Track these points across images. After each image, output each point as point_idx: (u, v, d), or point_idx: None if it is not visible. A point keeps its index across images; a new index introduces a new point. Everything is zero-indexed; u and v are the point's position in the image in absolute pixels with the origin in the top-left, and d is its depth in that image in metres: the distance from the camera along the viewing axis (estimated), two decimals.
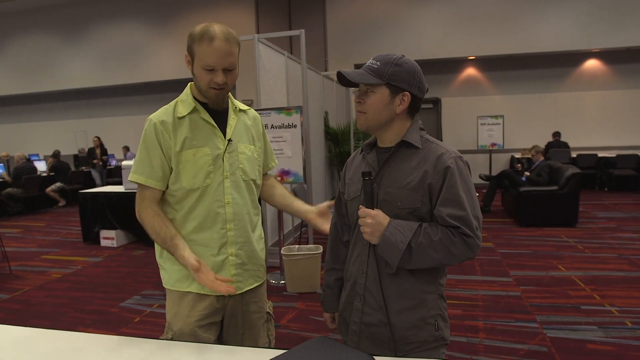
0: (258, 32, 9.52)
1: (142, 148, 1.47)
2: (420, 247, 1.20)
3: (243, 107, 1.62)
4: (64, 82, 12.42)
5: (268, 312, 1.67)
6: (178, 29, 11.14)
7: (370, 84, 1.25)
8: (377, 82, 1.25)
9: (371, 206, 1.26)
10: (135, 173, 1.46)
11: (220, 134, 1.50)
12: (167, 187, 1.48)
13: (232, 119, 1.54)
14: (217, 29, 1.38)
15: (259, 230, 1.65)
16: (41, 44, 12.52)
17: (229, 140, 1.51)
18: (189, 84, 1.53)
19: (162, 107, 1.50)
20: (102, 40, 11.94)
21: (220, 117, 1.52)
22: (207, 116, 1.48)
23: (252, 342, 1.58)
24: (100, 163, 10.82)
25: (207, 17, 10.63)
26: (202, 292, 1.48)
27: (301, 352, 1.13)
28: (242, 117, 1.59)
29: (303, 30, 4.49)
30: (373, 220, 1.23)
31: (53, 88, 12.62)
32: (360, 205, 1.28)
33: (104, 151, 10.99)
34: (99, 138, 11.00)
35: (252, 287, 1.58)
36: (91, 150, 11.01)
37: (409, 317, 1.29)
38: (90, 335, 1.37)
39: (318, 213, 1.62)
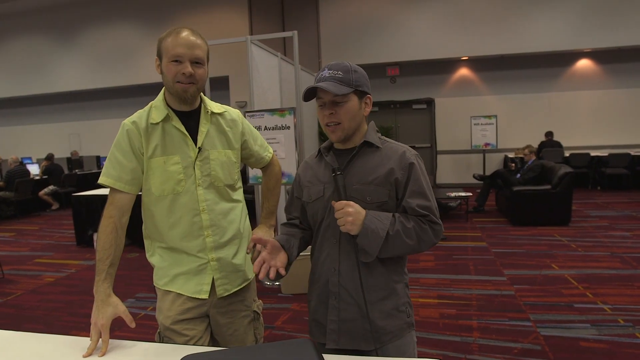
0: (251, 34, 9.51)
1: (112, 151, 1.46)
2: (396, 235, 1.28)
3: (218, 109, 1.58)
4: (57, 85, 12.35)
5: (255, 311, 1.65)
6: None
7: (345, 94, 1.30)
8: (349, 90, 1.31)
9: (344, 199, 1.30)
10: (104, 175, 1.45)
11: (191, 142, 1.48)
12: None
13: (203, 126, 1.51)
14: (185, 28, 1.42)
15: (247, 230, 1.65)
16: (34, 46, 12.44)
17: (199, 148, 1.49)
18: (163, 89, 1.51)
19: (137, 112, 1.50)
20: (96, 43, 11.88)
21: (193, 124, 1.50)
22: (178, 124, 1.47)
23: (239, 342, 1.58)
24: None
25: (201, 19, 10.62)
26: (179, 292, 1.52)
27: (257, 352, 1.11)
28: (217, 121, 1.55)
29: (296, 32, 4.49)
30: (354, 209, 1.26)
31: (46, 91, 12.54)
32: (333, 201, 1.31)
33: None
34: None
35: (240, 287, 1.59)
36: None
37: (384, 307, 1.36)
38: (83, 338, 1.36)
39: (260, 238, 1.35)
